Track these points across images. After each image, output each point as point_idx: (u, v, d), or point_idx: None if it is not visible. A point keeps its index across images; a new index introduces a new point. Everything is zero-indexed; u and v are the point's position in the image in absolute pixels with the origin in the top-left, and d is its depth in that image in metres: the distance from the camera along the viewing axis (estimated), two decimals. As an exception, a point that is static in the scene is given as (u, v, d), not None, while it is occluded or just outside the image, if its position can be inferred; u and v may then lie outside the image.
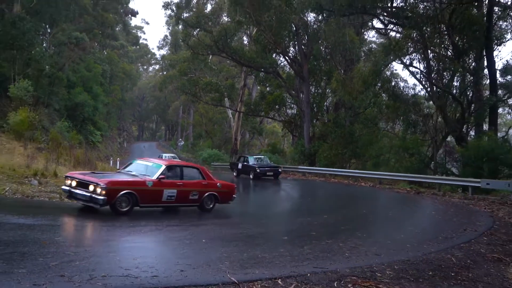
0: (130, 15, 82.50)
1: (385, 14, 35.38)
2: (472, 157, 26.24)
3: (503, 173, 25.94)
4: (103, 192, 12.22)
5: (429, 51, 32.00)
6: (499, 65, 37.98)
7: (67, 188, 13.20)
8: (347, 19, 35.77)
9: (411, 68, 33.34)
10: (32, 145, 26.56)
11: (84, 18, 53.12)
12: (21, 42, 35.43)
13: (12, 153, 22.76)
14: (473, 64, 31.90)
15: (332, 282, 7.49)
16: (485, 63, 30.96)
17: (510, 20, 32.07)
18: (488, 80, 31.65)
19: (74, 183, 13.06)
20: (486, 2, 31.14)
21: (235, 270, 7.77)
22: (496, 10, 31.58)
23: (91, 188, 12.43)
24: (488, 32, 29.54)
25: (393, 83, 35.24)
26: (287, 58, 45.27)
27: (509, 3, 31.87)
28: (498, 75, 31.49)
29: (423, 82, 33.99)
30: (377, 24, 44.83)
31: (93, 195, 12.31)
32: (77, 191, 12.81)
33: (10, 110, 30.82)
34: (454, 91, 32.09)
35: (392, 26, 37.11)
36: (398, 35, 35.02)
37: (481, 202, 20.63)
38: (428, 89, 33.31)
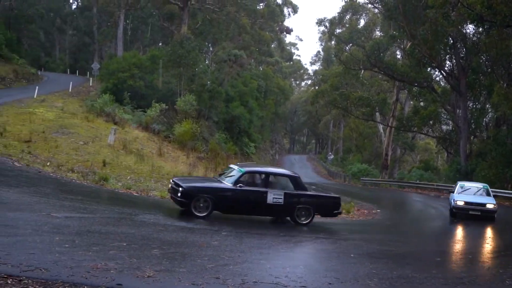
0: (285, 33, 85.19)
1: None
2: None
3: None
4: None
5: None
6: None
7: None
8: (511, 30, 33.17)
9: None
10: (194, 154, 28.67)
11: (242, 37, 56.11)
12: (187, 60, 38.55)
13: (176, 161, 24.79)
14: None
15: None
16: None
17: None
18: None
19: None
20: None
21: (383, 288, 7.76)
22: None
23: None
24: None
25: None
26: (442, 72, 43.18)
27: None
28: None
29: None
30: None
31: None
32: None
33: (176, 121, 33.63)
34: None
35: None
36: None
37: None
38: None
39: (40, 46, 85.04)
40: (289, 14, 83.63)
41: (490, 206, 19.03)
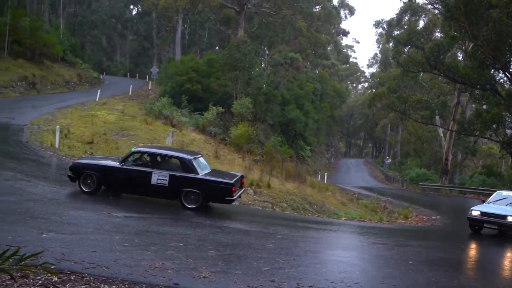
0: (341, 35, 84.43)
1: None
2: None
3: None
4: None
5: None
6: None
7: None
8: None
9: None
10: (249, 157, 28.79)
11: (298, 40, 55.97)
12: (243, 63, 38.86)
13: (232, 164, 24.97)
14: None
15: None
16: None
17: None
18: None
19: None
20: None
21: (442, 296, 7.53)
22: None
23: None
24: None
25: None
26: (507, 73, 41.46)
27: None
28: None
29: None
30: None
31: None
32: None
33: (232, 124, 33.94)
34: None
35: None
36: None
37: None
38: None
39: (102, 51, 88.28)
40: (345, 16, 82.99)
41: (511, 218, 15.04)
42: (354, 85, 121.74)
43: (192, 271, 7.26)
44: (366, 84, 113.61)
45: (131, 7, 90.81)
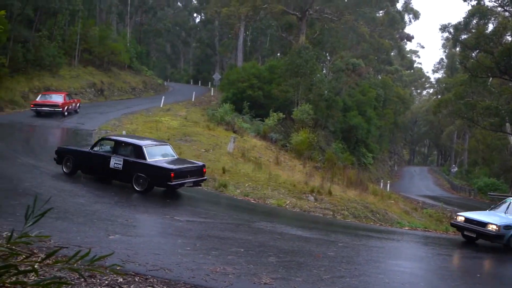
0: (405, 40, 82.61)
1: None
2: None
3: None
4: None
5: None
6: None
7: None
8: None
9: None
10: (310, 163, 28.63)
11: (360, 45, 55.28)
12: (304, 70, 38.76)
13: (293, 170, 24.89)
14: None
15: None
16: None
17: None
18: None
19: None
20: None
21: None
22: None
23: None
24: None
25: None
26: None
27: None
28: None
29: None
30: None
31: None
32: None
33: (293, 131, 33.89)
34: None
35: None
36: None
37: None
38: None
39: (166, 58, 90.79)
40: (409, 21, 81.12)
41: (492, 227, 12.90)
42: (419, 91, 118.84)
43: (252, 277, 7.27)
44: (431, 90, 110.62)
45: (195, 15, 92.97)
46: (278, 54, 72.60)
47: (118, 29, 63.06)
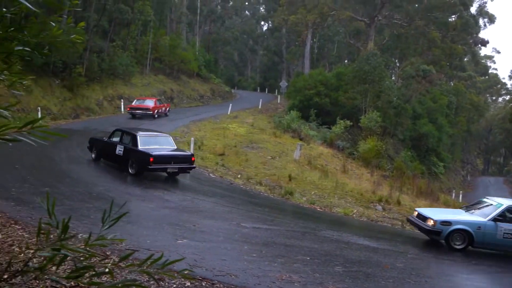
0: (479, 45, 79.33)
1: None
2: None
3: None
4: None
5: None
6: None
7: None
8: None
9: None
10: (378, 172, 28.07)
11: (432, 51, 53.63)
12: (373, 76, 38.14)
13: (360, 179, 24.49)
14: None
15: None
16: None
17: None
18: None
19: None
20: None
21: None
22: None
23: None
24: None
25: None
26: None
27: None
28: None
29: None
30: None
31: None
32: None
33: (360, 138, 33.37)
34: None
35: None
36: None
37: None
38: None
39: (234, 66, 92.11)
40: (484, 25, 77.74)
41: (429, 222, 12.46)
42: (494, 98, 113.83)
43: (318, 286, 7.19)
44: (507, 97, 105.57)
45: (262, 23, 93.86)
46: (346, 61, 71.93)
47: (188, 38, 64.66)
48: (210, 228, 10.34)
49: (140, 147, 15.30)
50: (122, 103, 35.68)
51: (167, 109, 35.49)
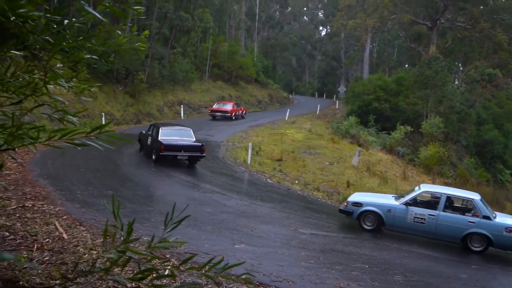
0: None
1: None
2: None
3: None
4: None
5: None
6: None
7: None
8: None
9: None
10: (440, 179, 27.25)
11: (498, 54, 51.63)
12: (435, 81, 37.16)
13: (421, 186, 23.82)
14: None
15: None
16: None
17: None
18: None
19: None
20: None
21: None
22: None
23: None
24: None
25: None
26: None
27: None
28: None
29: None
30: None
31: None
32: None
33: (421, 145, 32.53)
34: None
35: None
36: None
37: None
38: None
39: (291, 71, 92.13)
40: (555, 26, 74.28)
41: (345, 203, 13.25)
42: None
43: (377, 295, 7.06)
44: None
45: (320, 28, 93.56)
46: (406, 65, 70.37)
47: (246, 44, 65.29)
48: (267, 234, 10.37)
49: (160, 138, 17.77)
50: (182, 109, 36.45)
51: (244, 112, 39.07)
